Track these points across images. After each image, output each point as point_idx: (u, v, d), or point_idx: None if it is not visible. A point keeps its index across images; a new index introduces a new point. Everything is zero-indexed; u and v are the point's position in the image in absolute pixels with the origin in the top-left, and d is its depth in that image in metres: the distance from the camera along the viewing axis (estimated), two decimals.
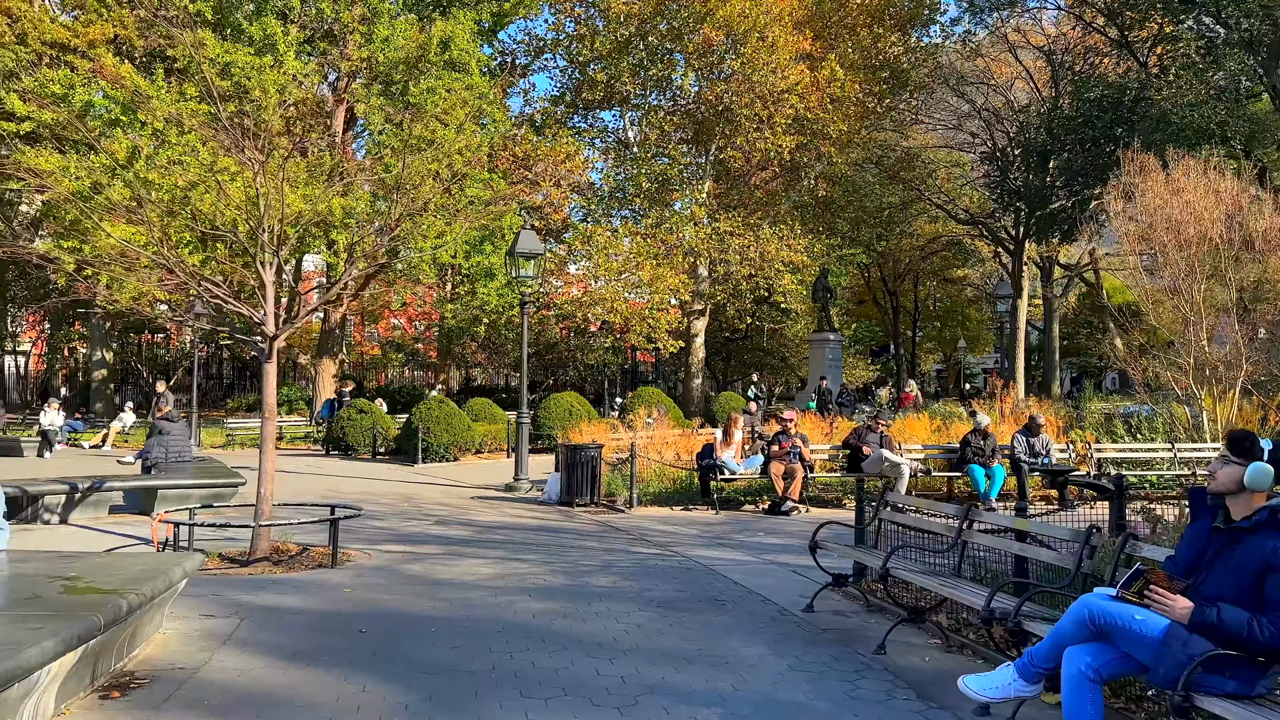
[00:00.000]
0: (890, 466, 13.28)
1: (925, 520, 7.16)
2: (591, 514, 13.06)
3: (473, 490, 15.80)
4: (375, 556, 9.73)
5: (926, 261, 48.40)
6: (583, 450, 13.69)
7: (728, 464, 13.29)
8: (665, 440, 15.73)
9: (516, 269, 15.53)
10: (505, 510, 13.40)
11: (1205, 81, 28.49)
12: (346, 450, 22.07)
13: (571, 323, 32.98)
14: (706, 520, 12.55)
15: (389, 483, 16.78)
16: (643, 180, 30.41)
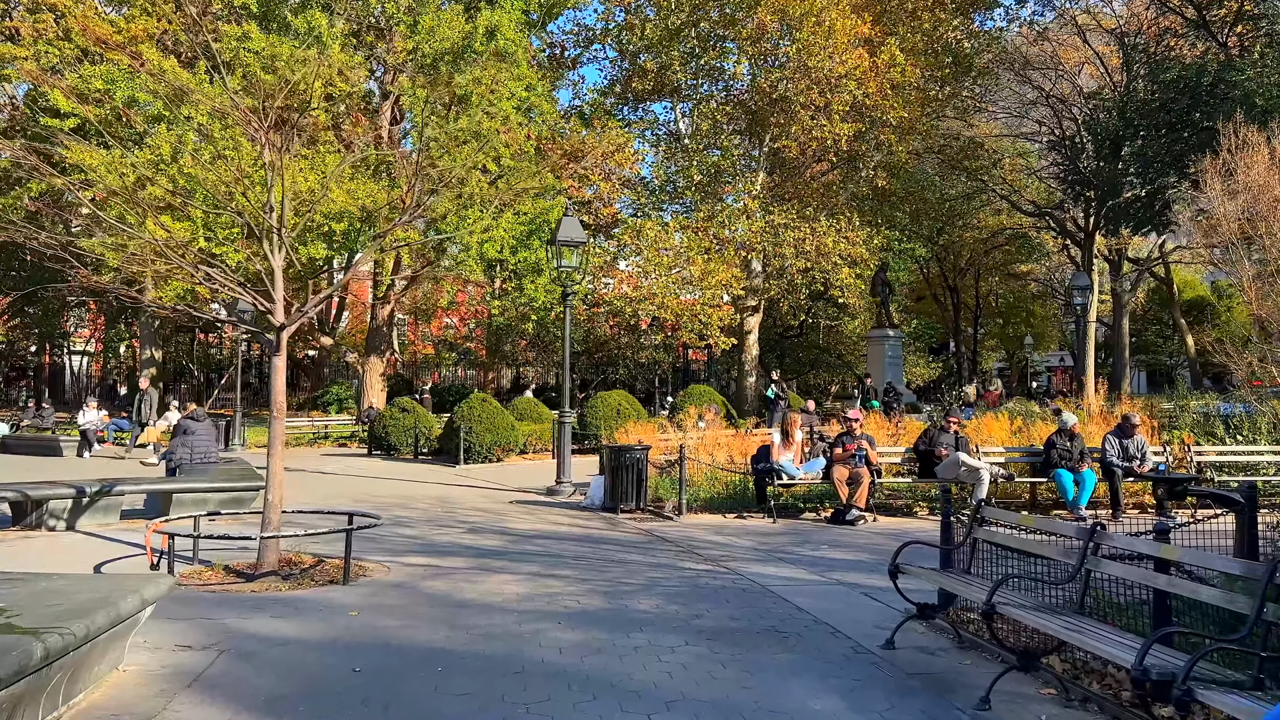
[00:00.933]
0: (968, 471, 11.91)
1: (1033, 543, 5.86)
2: (637, 521, 11.90)
3: (513, 494, 14.74)
4: (394, 570, 8.67)
5: (989, 256, 46.47)
6: (628, 452, 12.54)
7: (786, 468, 12.04)
8: (717, 441, 14.52)
9: (558, 258, 14.43)
10: (545, 516, 12.30)
11: None
12: (389, 451, 21.20)
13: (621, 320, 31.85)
14: (762, 530, 11.32)
15: (427, 485, 15.79)
16: (694, 173, 29.16)
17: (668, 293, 28.51)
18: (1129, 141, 29.97)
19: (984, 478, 11.79)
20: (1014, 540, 5.98)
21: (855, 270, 30.47)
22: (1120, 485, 12.05)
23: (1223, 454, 13.16)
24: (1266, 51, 26.31)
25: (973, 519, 6.45)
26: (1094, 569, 5.19)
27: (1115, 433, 12.48)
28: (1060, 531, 5.64)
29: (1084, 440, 12.48)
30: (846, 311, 37.98)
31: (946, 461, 12.08)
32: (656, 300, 28.74)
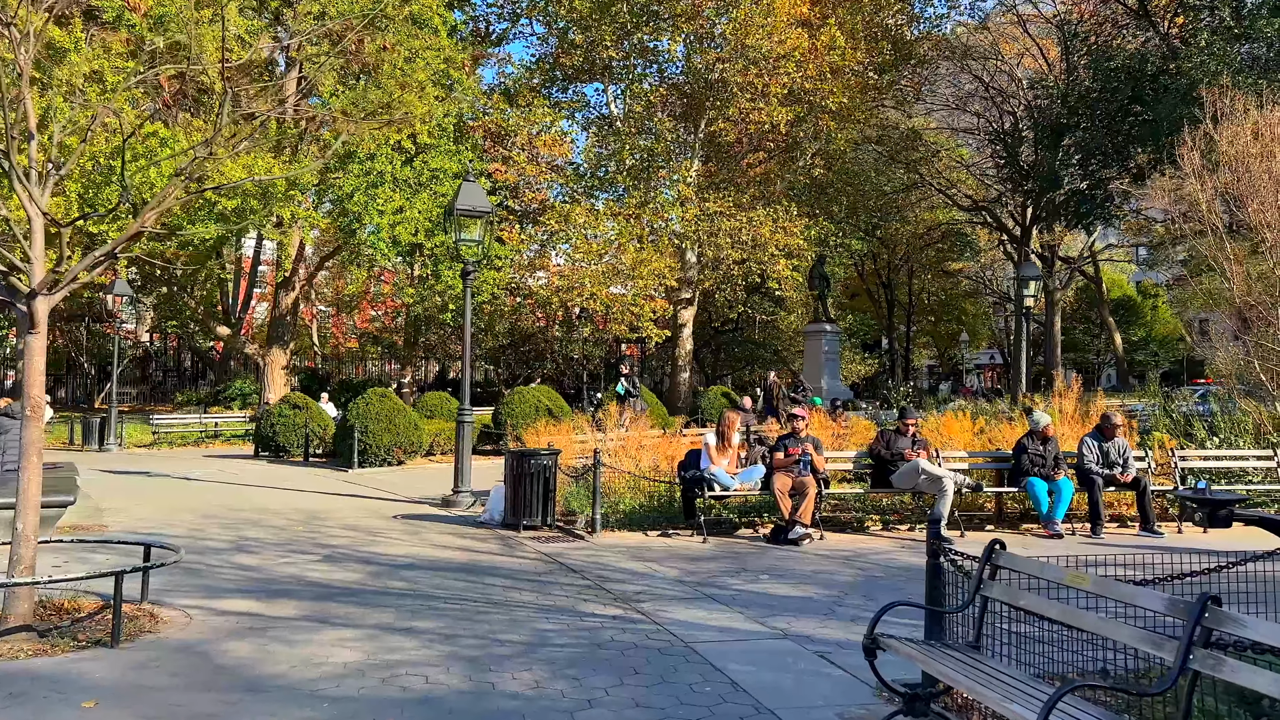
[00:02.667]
0: (929, 480, 9.95)
1: (1088, 618, 3.79)
2: (541, 542, 9.70)
3: (402, 505, 12.42)
4: (197, 621, 6.37)
5: (922, 254, 45.19)
6: (533, 458, 10.32)
7: (719, 477, 9.94)
8: (641, 444, 12.39)
9: (457, 230, 12.15)
10: (429, 537, 10.02)
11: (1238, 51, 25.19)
12: (278, 452, 18.68)
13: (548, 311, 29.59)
14: (690, 552, 9.20)
15: (302, 494, 13.38)
16: (626, 156, 27.01)
17: (597, 282, 26.35)
18: (1070, 132, 28.64)
19: (948, 488, 9.83)
20: (1051, 608, 3.91)
21: (792, 262, 28.68)
22: (1100, 495, 10.21)
23: (1206, 459, 11.42)
24: (1213, 39, 25.06)
25: (984, 567, 4.38)
26: (1212, 670, 3.13)
27: (1094, 435, 10.64)
28: (1140, 603, 3.58)
29: (1058, 443, 10.61)
30: (783, 306, 36.21)
31: (904, 469, 10.11)
32: (586, 290, 26.57)
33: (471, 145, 26.62)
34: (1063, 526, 10.17)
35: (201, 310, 28.45)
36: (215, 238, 23.31)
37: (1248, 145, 12.43)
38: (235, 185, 12.77)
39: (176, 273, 26.58)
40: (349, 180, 23.05)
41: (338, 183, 23.19)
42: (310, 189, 23.44)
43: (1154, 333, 54.80)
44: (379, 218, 22.89)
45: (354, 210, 23.18)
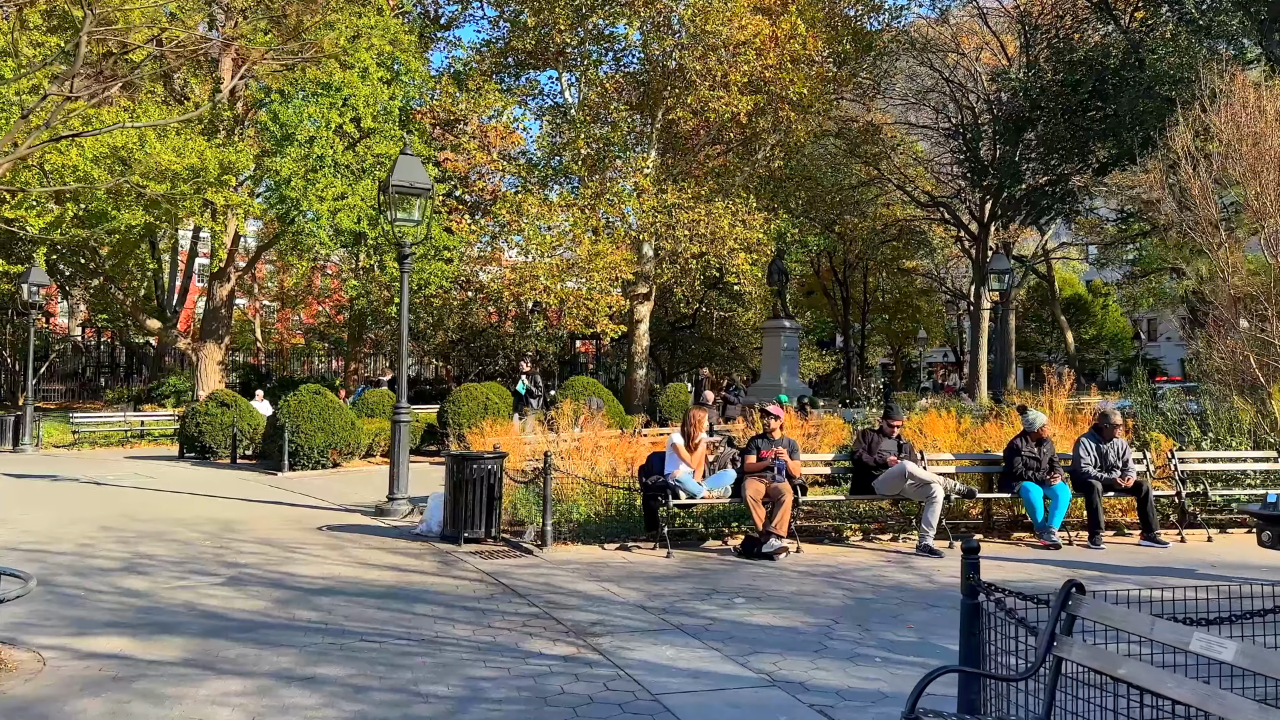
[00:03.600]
0: (915, 487, 8.90)
1: (1242, 709, 2.66)
2: (484, 558, 8.48)
3: (331, 514, 11.10)
4: (51, 667, 5.10)
5: (878, 251, 44.51)
6: (476, 462, 9.09)
7: (685, 484, 8.80)
8: (598, 445, 11.21)
9: (392, 209, 10.85)
10: (356, 553, 8.75)
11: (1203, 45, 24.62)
12: (204, 454, 17.18)
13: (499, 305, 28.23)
14: (653, 570, 8.05)
15: (221, 501, 11.98)
16: (581, 145, 25.74)
17: (551, 275, 25.08)
18: (1032, 126, 27.97)
19: (937, 495, 8.80)
20: (1181, 687, 2.80)
21: (751, 256, 27.67)
22: (1099, 501, 9.25)
23: (1204, 460, 10.54)
24: (1179, 31, 24.50)
25: (1057, 618, 3.26)
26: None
27: (1091, 436, 9.69)
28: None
29: (1054, 445, 9.63)
30: (741, 302, 35.22)
31: (889, 474, 9.05)
32: (539, 284, 25.29)
33: (419, 131, 25.16)
34: (1059, 536, 9.20)
35: (130, 302, 26.61)
36: (143, 225, 21.61)
37: (1250, 123, 11.59)
38: (101, 132, 11.25)
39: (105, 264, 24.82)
40: (286, 164, 21.52)
41: (274, 166, 21.65)
42: (244, 173, 21.86)
43: (1104, 331, 54.89)
44: (318, 204, 21.40)
45: (291, 196, 21.65)
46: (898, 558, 8.64)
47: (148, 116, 21.52)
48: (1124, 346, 55.19)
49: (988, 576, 3.94)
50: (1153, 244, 44.98)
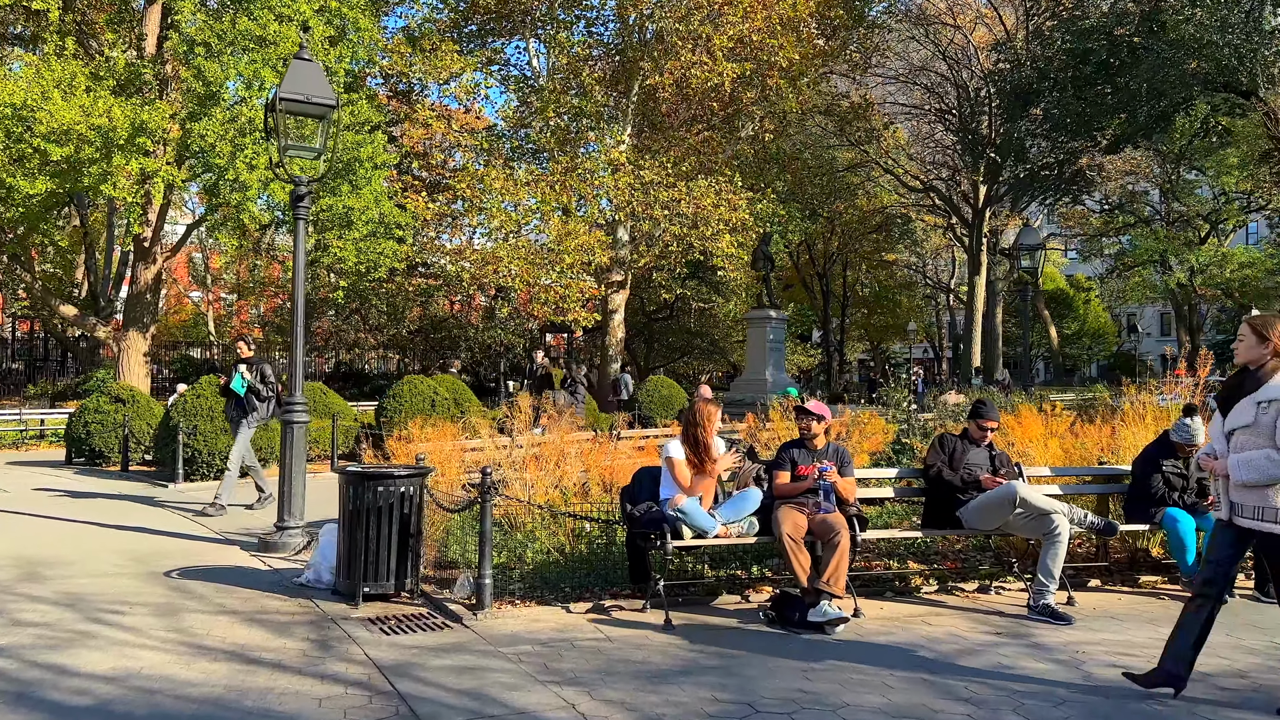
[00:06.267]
0: (1029, 519, 5.94)
1: None
2: (386, 631, 5.41)
3: (200, 547, 7.96)
4: None
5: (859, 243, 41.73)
6: (381, 484, 6.01)
7: (692, 517, 5.76)
8: (564, 452, 8.19)
9: (281, 135, 7.73)
10: (193, 620, 5.63)
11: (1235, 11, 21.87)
12: (93, 458, 13.92)
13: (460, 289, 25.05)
14: (645, 655, 5.01)
15: (64, 527, 8.79)
16: (550, 113, 22.60)
17: (517, 258, 21.96)
18: (1039, 99, 25.19)
19: (1060, 531, 5.83)
20: None
21: (736, 238, 24.70)
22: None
23: None
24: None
25: None
26: None
27: None
28: None
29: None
30: (721, 291, 32.21)
31: (986, 500, 6.07)
32: (502, 266, 22.17)
33: (369, 97, 21.92)
34: None
35: (40, 286, 23.16)
36: (44, 194, 18.25)
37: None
38: None
39: (7, 241, 21.35)
40: (211, 127, 18.23)
41: (198, 130, 18.35)
42: (159, 134, 18.53)
43: (1086, 326, 52.57)
44: (248, 173, 18.12)
45: (218, 164, 18.37)
46: (1006, 625, 5.68)
47: (52, 73, 18.22)
48: (1106, 342, 52.92)
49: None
50: (1142, 235, 42.75)
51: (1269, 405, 4.16)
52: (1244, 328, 4.31)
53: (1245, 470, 4.19)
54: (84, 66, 19.34)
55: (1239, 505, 4.28)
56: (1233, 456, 4.27)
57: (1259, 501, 4.21)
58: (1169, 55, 22.08)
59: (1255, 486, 4.19)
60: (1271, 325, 4.25)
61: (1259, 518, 4.22)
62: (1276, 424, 4.11)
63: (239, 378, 9.88)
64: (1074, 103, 24.75)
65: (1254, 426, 4.18)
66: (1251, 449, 4.19)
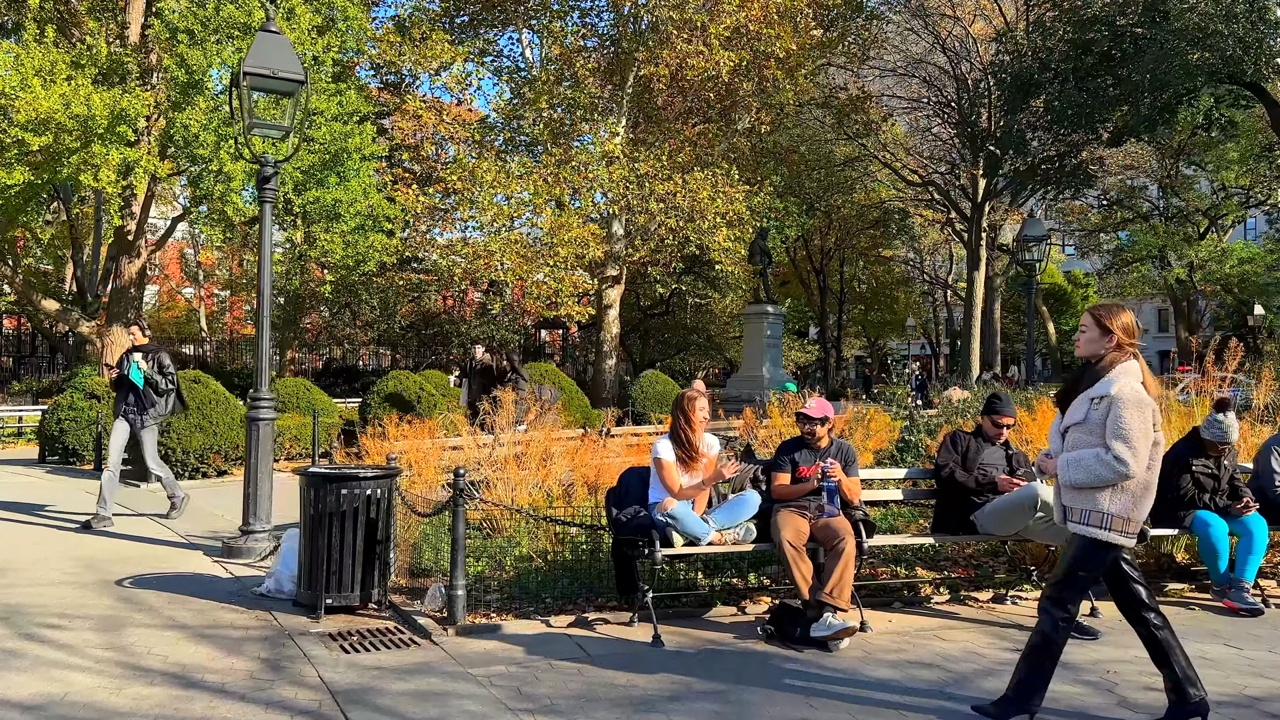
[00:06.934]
0: (1052, 523, 5.39)
1: None
2: (347, 649, 4.90)
3: (161, 554, 7.43)
4: None
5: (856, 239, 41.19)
6: (345, 485, 5.49)
7: (683, 522, 5.24)
8: (549, 451, 7.67)
9: (246, 113, 7.18)
10: (137, 636, 5.10)
11: None
12: (68, 457, 13.38)
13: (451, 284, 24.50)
14: (632, 676, 4.49)
15: (21, 531, 8.25)
16: (542, 104, 22.03)
17: (508, 250, 21.42)
18: (1041, 90, 24.65)
19: None
20: None
21: (734, 232, 24.19)
22: None
23: None
24: None
25: None
26: None
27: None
28: None
29: (1237, 454, 6.22)
30: (717, 287, 31.65)
31: (1005, 503, 5.56)
32: (494, 260, 21.63)
33: (358, 87, 21.36)
34: (1254, 595, 5.78)
35: (21, 280, 22.58)
36: (23, 185, 17.68)
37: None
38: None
39: None
40: (194, 117, 17.68)
41: (181, 120, 17.80)
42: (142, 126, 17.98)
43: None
44: (232, 164, 17.58)
45: (201, 155, 17.82)
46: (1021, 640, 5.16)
47: (31, 60, 17.65)
48: None
49: None
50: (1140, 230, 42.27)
51: (1100, 401, 3.74)
52: (1086, 318, 3.92)
53: (1074, 470, 3.77)
54: (65, 55, 18.79)
55: (1069, 509, 3.85)
56: (1062, 456, 3.85)
57: (1086, 504, 3.79)
58: (1172, 46, 21.57)
59: (1085, 488, 3.77)
60: (1114, 315, 3.86)
61: (1085, 521, 3.79)
62: (1107, 421, 3.70)
63: (135, 367, 8.52)
64: (1075, 94, 24.22)
65: (1085, 424, 3.79)
66: (1084, 448, 3.77)
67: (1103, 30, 23.31)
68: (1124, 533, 3.76)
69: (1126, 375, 3.76)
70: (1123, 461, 3.65)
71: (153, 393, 8.64)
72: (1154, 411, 3.75)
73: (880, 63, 30.25)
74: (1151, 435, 3.72)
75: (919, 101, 31.24)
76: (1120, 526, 3.74)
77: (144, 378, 8.52)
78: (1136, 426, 3.66)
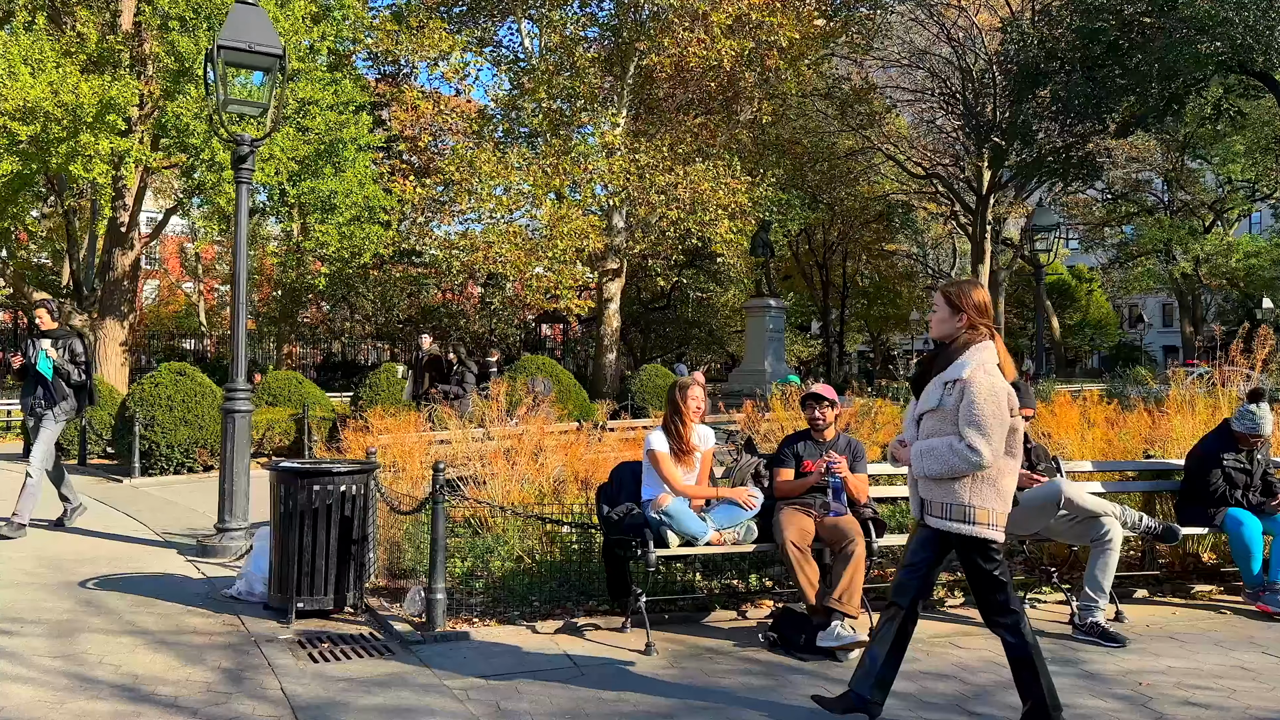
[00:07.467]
0: (1074, 523, 5.05)
1: None
2: (316, 659, 4.52)
3: (134, 552, 7.06)
4: None
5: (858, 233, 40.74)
6: (318, 481, 5.11)
7: (678, 520, 4.85)
8: (541, 445, 7.28)
9: (221, 88, 6.79)
10: (90, 643, 4.73)
11: None
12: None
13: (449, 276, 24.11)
14: (621, 693, 4.11)
15: None
16: (541, 94, 21.63)
17: (505, 242, 21.03)
18: (1048, 80, 24.17)
19: (1113, 536, 4.95)
20: None
21: (735, 224, 23.77)
22: None
23: None
24: None
25: None
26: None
27: None
28: None
29: (1271, 445, 5.81)
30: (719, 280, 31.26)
31: (1025, 500, 5.14)
32: (492, 252, 21.25)
33: (354, 77, 20.96)
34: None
35: (12, 272, 22.24)
36: (11, 175, 17.31)
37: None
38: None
39: None
40: (186, 106, 17.31)
41: (172, 109, 17.43)
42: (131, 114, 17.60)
43: (1088, 317, 51.61)
44: (224, 154, 17.19)
45: (193, 145, 17.46)
46: (1050, 648, 4.75)
47: (20, 48, 17.28)
48: (1108, 333, 51.99)
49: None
50: (1146, 224, 41.79)
51: (953, 386, 3.42)
52: (936, 297, 3.63)
53: (928, 461, 3.45)
54: (55, 43, 18.42)
55: (928, 502, 3.52)
56: (915, 445, 3.52)
57: (946, 497, 3.45)
58: (1181, 35, 21.13)
59: (942, 480, 3.43)
60: (966, 293, 3.56)
61: (947, 516, 3.45)
62: (960, 408, 3.38)
63: (43, 356, 7.36)
64: (1083, 84, 23.75)
65: (939, 410, 3.48)
66: (938, 436, 3.44)
67: (1110, 19, 22.84)
68: (990, 525, 3.43)
69: (980, 357, 3.43)
70: (976, 451, 3.34)
71: (64, 384, 7.51)
72: (1010, 395, 3.43)
73: (884, 53, 29.79)
74: (1007, 421, 3.40)
75: (923, 93, 30.78)
76: (985, 519, 3.42)
77: (53, 367, 7.42)
78: (990, 412, 3.34)
